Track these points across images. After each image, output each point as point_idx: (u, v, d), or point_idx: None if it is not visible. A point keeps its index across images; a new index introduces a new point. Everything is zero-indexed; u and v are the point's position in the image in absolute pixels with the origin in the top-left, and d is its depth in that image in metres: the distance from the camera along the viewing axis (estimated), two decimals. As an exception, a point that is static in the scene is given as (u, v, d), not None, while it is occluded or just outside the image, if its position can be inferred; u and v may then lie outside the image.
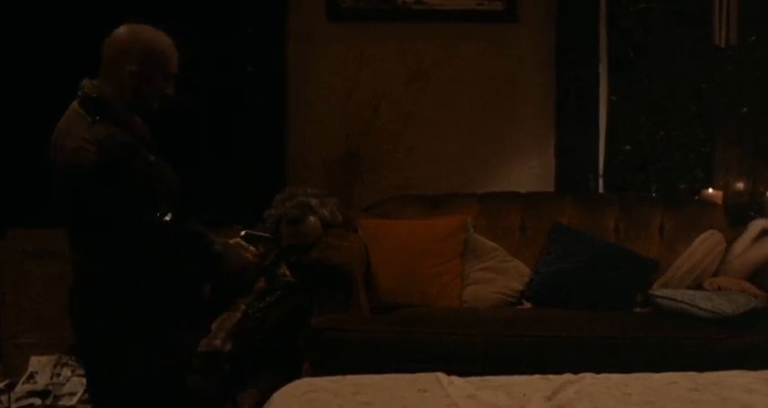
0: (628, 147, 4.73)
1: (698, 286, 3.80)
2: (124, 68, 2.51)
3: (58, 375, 4.15)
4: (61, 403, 4.00)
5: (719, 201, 4.42)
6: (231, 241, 2.67)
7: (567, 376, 2.63)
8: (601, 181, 4.69)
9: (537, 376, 2.67)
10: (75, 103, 2.52)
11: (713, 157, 4.71)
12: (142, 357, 2.50)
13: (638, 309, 3.80)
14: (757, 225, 3.98)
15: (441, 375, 2.64)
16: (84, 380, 4.04)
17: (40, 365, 4.21)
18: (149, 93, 2.56)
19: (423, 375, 2.64)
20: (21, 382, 4.13)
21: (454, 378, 2.61)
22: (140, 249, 2.45)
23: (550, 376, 2.65)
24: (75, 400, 3.98)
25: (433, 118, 4.68)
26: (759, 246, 3.89)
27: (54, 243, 4.33)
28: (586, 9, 4.61)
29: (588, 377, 2.63)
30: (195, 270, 2.57)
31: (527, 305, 3.93)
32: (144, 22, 2.61)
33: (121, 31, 2.56)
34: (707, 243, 3.95)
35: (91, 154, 2.38)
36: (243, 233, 2.76)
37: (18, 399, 4.01)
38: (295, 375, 3.19)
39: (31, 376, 4.16)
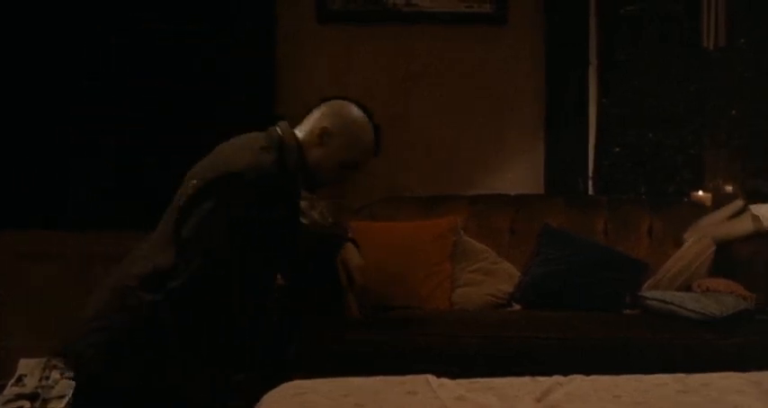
0: (617, 149, 4.75)
1: (687, 288, 3.81)
2: (319, 123, 2.55)
3: (47, 377, 4.13)
4: (50, 405, 3.97)
5: (708, 204, 4.44)
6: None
7: (557, 378, 2.63)
8: (590, 183, 4.70)
9: (527, 378, 2.66)
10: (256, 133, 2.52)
11: (702, 160, 4.73)
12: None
13: (627, 311, 3.80)
14: (738, 204, 4.02)
15: (430, 377, 2.63)
16: (73, 382, 4.03)
17: (28, 367, 4.19)
18: (327, 162, 2.55)
19: (412, 377, 2.63)
20: (9, 384, 4.12)
21: (444, 380, 2.61)
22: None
23: (540, 378, 2.65)
24: (63, 403, 3.96)
25: (422, 120, 4.67)
26: (737, 221, 3.95)
27: (47, 246, 4.34)
28: (576, 11, 4.62)
29: (578, 379, 2.63)
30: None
31: (516, 306, 3.93)
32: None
33: (342, 101, 2.69)
34: (697, 245, 3.95)
35: (242, 161, 2.35)
36: None
37: (7, 402, 3.99)
38: (286, 377, 3.18)
39: (20, 379, 4.14)
